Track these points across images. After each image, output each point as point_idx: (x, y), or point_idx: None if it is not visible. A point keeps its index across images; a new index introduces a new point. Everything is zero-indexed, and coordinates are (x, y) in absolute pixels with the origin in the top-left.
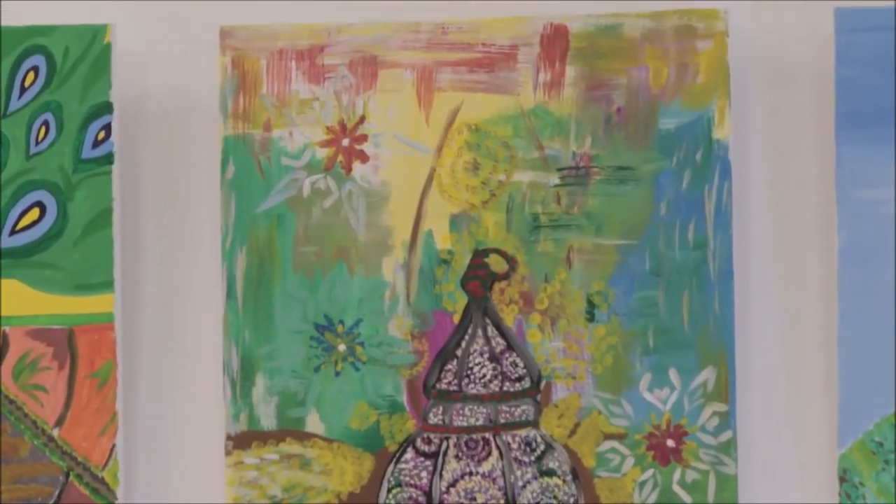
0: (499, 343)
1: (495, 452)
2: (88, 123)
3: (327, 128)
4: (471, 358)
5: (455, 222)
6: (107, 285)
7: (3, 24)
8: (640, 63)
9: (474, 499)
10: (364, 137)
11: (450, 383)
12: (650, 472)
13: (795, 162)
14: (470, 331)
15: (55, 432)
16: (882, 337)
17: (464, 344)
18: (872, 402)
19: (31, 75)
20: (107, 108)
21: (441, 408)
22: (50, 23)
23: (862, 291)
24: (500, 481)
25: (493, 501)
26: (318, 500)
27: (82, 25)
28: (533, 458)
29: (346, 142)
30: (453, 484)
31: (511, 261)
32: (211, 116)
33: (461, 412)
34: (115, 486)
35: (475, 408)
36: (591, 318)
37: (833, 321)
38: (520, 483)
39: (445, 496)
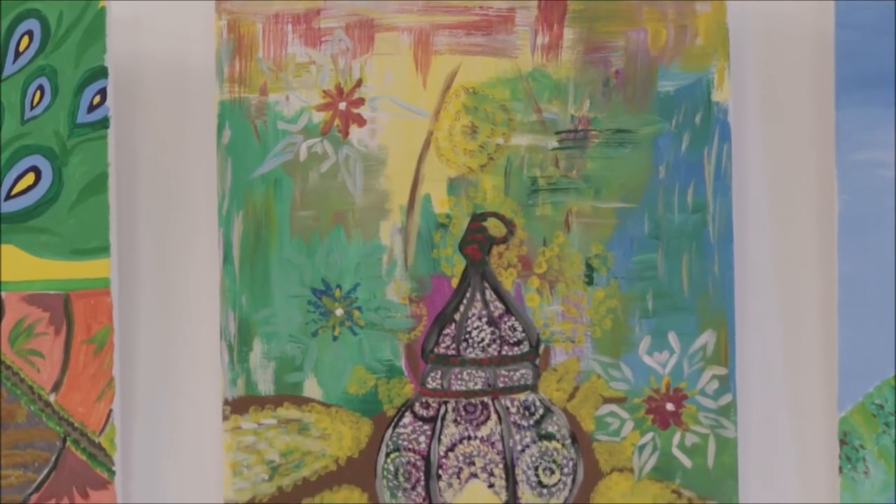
0: (497, 307)
1: (494, 416)
2: (83, 88)
3: (324, 91)
4: (469, 322)
5: (453, 186)
6: (102, 250)
7: None
8: (638, 25)
9: (473, 463)
10: (361, 101)
11: (448, 347)
12: (650, 435)
13: (795, 124)
14: (468, 295)
15: (52, 398)
16: (882, 299)
17: (462, 308)
18: (872, 365)
19: (25, 40)
20: (102, 72)
21: (439, 372)
22: None
23: (862, 254)
24: (499, 445)
25: (492, 465)
26: (317, 464)
27: None
28: (532, 421)
29: (342, 105)
30: (452, 448)
31: (509, 224)
32: (207, 81)
33: (459, 376)
34: (113, 451)
35: (473, 372)
36: (589, 281)
37: (833, 284)
38: (518, 447)
39: (444, 460)
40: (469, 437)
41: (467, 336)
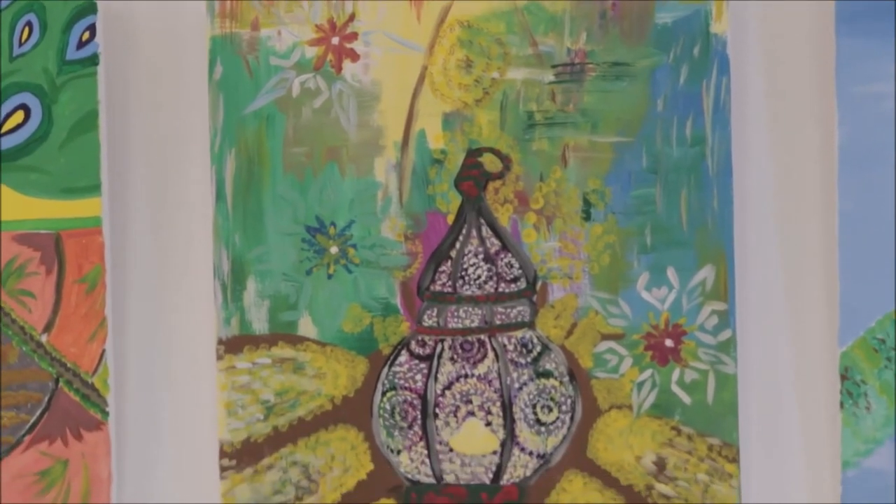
0: (493, 243)
1: (491, 354)
2: (72, 24)
3: (316, 26)
4: (465, 259)
5: (448, 121)
6: (94, 189)
7: None
8: None
9: (470, 401)
10: (354, 36)
11: (444, 285)
12: (648, 372)
13: (794, 56)
14: (464, 231)
15: (44, 338)
16: (883, 233)
17: (458, 245)
18: (874, 299)
19: None
20: (91, 8)
21: (435, 310)
22: None
23: (862, 187)
24: (496, 383)
25: (490, 404)
26: (312, 404)
27: None
28: (529, 359)
29: (335, 40)
30: (448, 387)
31: (505, 160)
32: (198, 16)
33: (456, 314)
34: (106, 392)
35: (470, 309)
36: (587, 216)
37: (833, 218)
38: (516, 385)
39: (441, 399)
40: (466, 376)
41: (463, 273)
